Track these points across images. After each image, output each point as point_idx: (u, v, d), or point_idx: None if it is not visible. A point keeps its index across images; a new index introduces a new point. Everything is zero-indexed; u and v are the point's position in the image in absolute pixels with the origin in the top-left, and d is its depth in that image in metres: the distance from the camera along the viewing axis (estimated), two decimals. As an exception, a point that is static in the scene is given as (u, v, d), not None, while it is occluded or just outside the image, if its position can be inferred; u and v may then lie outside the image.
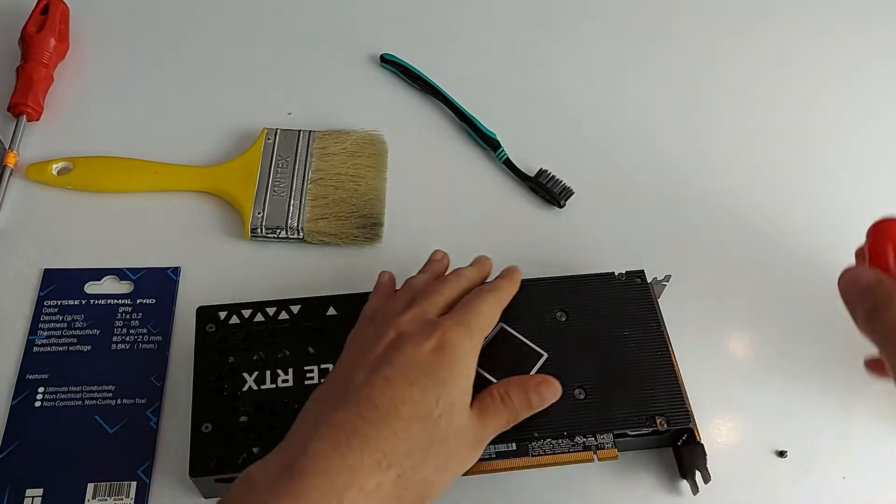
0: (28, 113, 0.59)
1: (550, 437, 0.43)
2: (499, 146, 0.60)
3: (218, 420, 0.43)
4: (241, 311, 0.47)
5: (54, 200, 0.56)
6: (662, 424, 0.43)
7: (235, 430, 0.43)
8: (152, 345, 0.50)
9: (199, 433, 0.43)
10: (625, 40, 0.68)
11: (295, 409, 0.42)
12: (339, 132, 0.59)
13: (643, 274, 0.49)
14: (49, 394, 0.47)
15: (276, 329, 0.47)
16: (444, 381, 0.37)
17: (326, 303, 0.48)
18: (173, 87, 0.63)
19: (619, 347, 0.46)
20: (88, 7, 0.67)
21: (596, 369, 0.45)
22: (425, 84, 0.63)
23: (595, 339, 0.46)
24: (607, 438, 0.43)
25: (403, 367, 0.37)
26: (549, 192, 0.57)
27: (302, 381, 0.45)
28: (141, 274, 0.53)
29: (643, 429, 0.43)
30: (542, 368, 0.45)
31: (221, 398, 0.44)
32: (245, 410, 0.44)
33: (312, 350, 0.46)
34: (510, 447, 0.43)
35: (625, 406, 0.44)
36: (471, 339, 0.40)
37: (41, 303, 0.51)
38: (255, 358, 0.45)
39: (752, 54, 0.68)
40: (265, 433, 0.43)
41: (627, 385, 0.45)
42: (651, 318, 0.47)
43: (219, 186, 0.56)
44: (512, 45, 0.68)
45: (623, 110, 0.64)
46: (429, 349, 0.38)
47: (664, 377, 0.45)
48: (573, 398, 0.44)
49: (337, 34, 0.67)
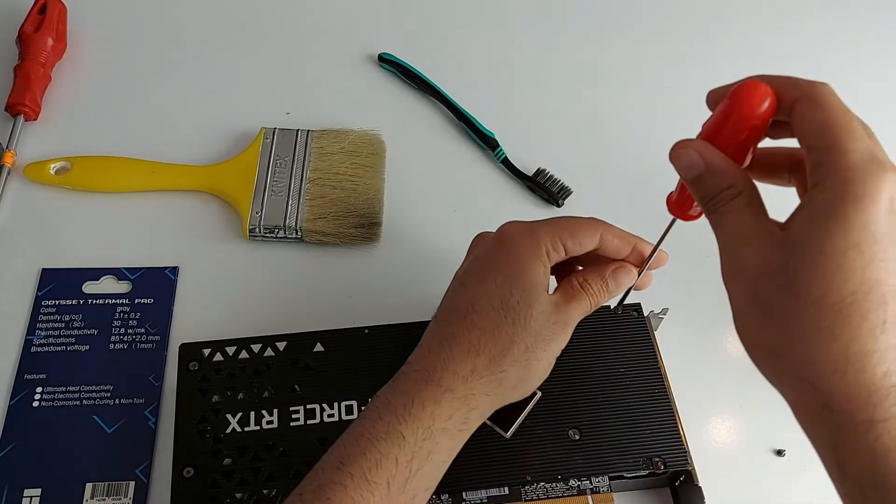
0: (26, 112, 0.59)
1: (544, 481, 0.42)
2: (497, 145, 0.60)
3: (200, 464, 0.42)
4: (226, 348, 0.46)
5: (52, 200, 0.56)
6: (659, 466, 0.43)
7: (218, 475, 0.42)
8: (150, 345, 0.50)
9: (179, 477, 0.42)
10: (624, 39, 0.68)
11: (280, 452, 0.42)
12: (338, 132, 0.59)
13: (640, 307, 0.48)
14: (47, 394, 0.47)
15: (260, 367, 0.46)
16: (509, 270, 0.39)
17: (313, 339, 0.47)
18: (171, 87, 0.63)
19: (615, 385, 0.45)
20: (86, 6, 0.67)
21: (591, 408, 0.44)
22: (423, 84, 0.63)
23: (590, 376, 0.45)
24: (603, 481, 0.43)
25: (473, 267, 0.41)
26: (547, 191, 0.57)
27: (287, 422, 0.44)
28: (139, 274, 0.53)
29: (640, 471, 0.43)
30: (536, 407, 0.44)
31: (204, 441, 0.43)
32: (228, 453, 0.43)
33: (298, 389, 0.45)
34: (503, 491, 0.42)
35: (621, 447, 0.43)
36: (531, 231, 0.40)
37: (39, 302, 0.51)
38: (240, 398, 0.44)
39: (752, 54, 0.68)
40: (248, 477, 0.42)
41: (623, 425, 0.44)
42: (648, 354, 0.46)
43: (217, 186, 0.56)
44: (510, 45, 0.68)
45: (621, 109, 0.64)
46: (490, 245, 0.41)
47: (661, 416, 0.44)
48: (568, 439, 0.43)
49: (335, 34, 0.67)
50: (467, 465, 0.42)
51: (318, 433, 0.43)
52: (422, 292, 0.53)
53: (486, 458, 0.43)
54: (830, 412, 0.29)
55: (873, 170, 0.28)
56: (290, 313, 0.51)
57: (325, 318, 0.49)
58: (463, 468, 0.42)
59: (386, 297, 0.52)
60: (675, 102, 0.64)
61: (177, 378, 0.45)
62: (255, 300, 0.52)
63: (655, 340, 0.47)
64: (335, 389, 0.45)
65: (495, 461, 0.43)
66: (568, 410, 0.44)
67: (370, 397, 0.38)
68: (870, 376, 0.28)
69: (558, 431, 0.43)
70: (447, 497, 0.42)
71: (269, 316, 0.51)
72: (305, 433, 0.43)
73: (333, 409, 0.44)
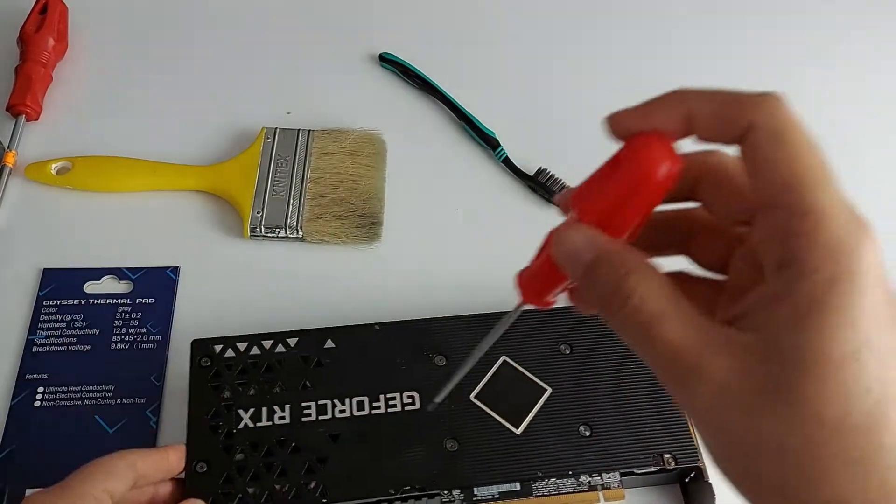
0: (27, 112, 0.59)
1: (555, 477, 0.42)
2: (498, 145, 0.60)
3: (213, 459, 0.42)
4: (237, 344, 0.46)
5: (53, 200, 0.56)
6: (670, 462, 0.43)
7: (231, 470, 0.42)
8: (152, 344, 0.50)
9: (193, 472, 0.42)
10: (625, 39, 0.68)
11: (292, 448, 0.42)
12: (339, 131, 0.59)
13: None
14: (49, 394, 0.47)
15: (272, 363, 0.46)
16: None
17: (324, 335, 0.47)
18: (172, 87, 0.63)
19: (625, 382, 0.45)
20: (87, 6, 0.67)
21: (601, 405, 0.44)
22: (424, 83, 0.63)
23: (600, 372, 0.45)
24: (613, 477, 0.43)
25: None
26: (548, 190, 0.57)
27: (299, 417, 0.44)
28: (140, 273, 0.53)
29: (651, 467, 0.43)
30: (546, 403, 0.44)
31: (216, 436, 0.43)
32: (241, 449, 0.43)
33: (310, 385, 0.45)
34: (514, 487, 0.42)
35: (631, 443, 0.43)
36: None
37: (40, 302, 0.51)
38: (251, 393, 0.44)
39: (753, 53, 0.68)
40: (262, 472, 0.42)
41: (633, 421, 0.44)
42: None
43: (218, 186, 0.56)
44: (511, 44, 0.68)
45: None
46: None
47: (671, 412, 0.44)
48: (578, 435, 0.43)
49: (336, 33, 0.67)
50: (478, 462, 0.42)
51: (329, 429, 0.44)
52: (422, 292, 0.53)
53: (497, 454, 0.43)
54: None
55: (860, 236, 0.21)
56: (291, 313, 0.51)
57: (326, 318, 0.49)
58: (474, 464, 0.42)
59: (387, 296, 0.52)
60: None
61: (189, 374, 0.45)
62: (256, 300, 0.52)
63: None
64: (346, 386, 0.45)
65: (506, 457, 0.43)
66: (578, 407, 0.44)
67: (381, 393, 0.37)
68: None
69: (569, 428, 0.43)
70: (458, 493, 0.42)
71: (270, 316, 0.50)
72: (317, 429, 0.43)
73: (345, 405, 0.44)
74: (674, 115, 0.24)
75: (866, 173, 0.60)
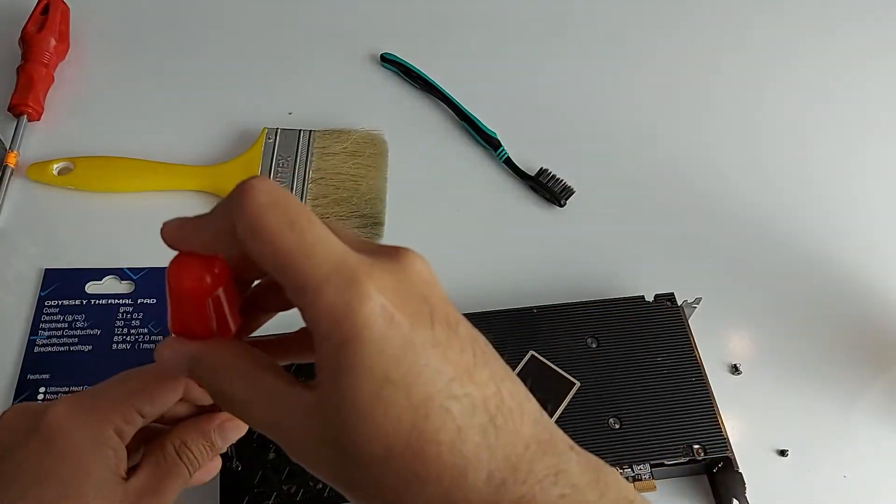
0: (28, 113, 0.59)
1: None
2: (499, 145, 0.60)
3: (247, 457, 0.42)
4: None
5: (55, 200, 0.56)
6: (699, 453, 0.43)
7: (265, 468, 0.42)
8: (153, 345, 0.50)
9: (227, 471, 0.42)
10: (626, 38, 0.68)
11: None
12: (340, 132, 0.59)
13: (673, 297, 0.49)
14: (50, 394, 0.47)
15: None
16: (60, 480, 0.31)
17: None
18: (174, 87, 0.63)
19: (653, 374, 0.46)
20: (89, 7, 0.67)
21: (630, 397, 0.45)
22: (426, 83, 0.63)
23: (627, 365, 0.46)
24: (644, 469, 0.43)
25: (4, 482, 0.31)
26: (549, 191, 0.57)
27: None
28: (142, 274, 0.53)
29: (681, 458, 0.43)
30: (576, 397, 0.45)
31: (250, 434, 0.43)
32: (275, 447, 0.42)
33: None
34: None
35: (661, 435, 0.44)
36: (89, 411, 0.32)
37: (42, 303, 0.51)
38: None
39: (754, 52, 0.68)
40: (297, 470, 0.42)
41: (662, 413, 0.44)
42: (683, 342, 0.47)
43: (219, 186, 0.56)
44: (512, 45, 0.68)
45: (624, 109, 0.64)
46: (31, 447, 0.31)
47: (699, 403, 0.45)
48: (608, 428, 0.44)
49: (337, 34, 0.67)
50: None
51: None
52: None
53: None
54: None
55: (351, 296, 0.23)
56: (292, 313, 0.51)
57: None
58: None
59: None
60: (677, 103, 0.64)
61: None
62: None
63: (690, 329, 0.48)
64: None
65: None
66: (607, 400, 0.45)
67: None
68: (478, 493, 0.24)
69: (598, 421, 0.43)
70: None
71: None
72: None
73: None
74: (205, 238, 0.29)
75: (866, 172, 0.60)
